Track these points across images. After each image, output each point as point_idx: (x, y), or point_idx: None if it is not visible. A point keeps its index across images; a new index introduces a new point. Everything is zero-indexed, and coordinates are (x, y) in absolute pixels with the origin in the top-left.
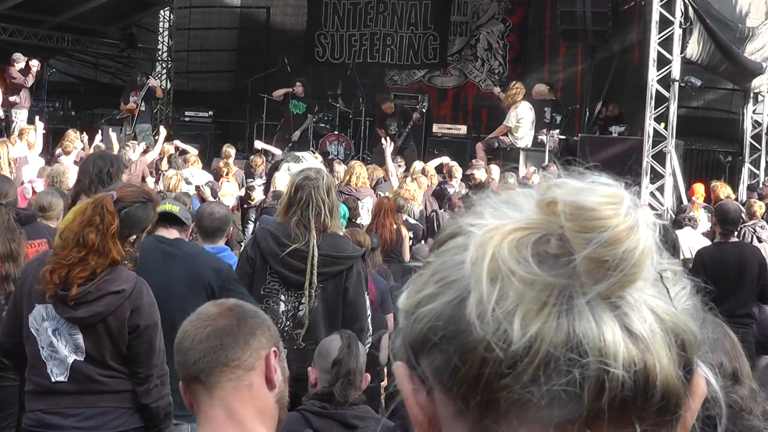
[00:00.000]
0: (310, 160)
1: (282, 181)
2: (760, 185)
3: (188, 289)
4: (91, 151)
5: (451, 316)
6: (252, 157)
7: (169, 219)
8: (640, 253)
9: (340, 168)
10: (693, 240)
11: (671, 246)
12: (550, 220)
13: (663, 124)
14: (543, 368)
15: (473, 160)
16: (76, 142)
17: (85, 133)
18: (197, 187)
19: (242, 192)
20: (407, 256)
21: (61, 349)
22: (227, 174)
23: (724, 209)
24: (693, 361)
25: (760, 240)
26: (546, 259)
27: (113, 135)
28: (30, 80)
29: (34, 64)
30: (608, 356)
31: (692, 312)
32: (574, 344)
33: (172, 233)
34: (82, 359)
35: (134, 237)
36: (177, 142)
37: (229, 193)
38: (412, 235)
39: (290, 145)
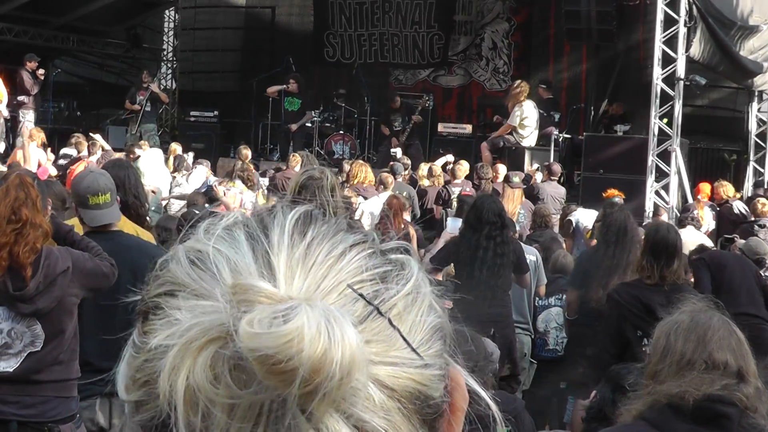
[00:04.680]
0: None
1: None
2: (766, 184)
3: (132, 283)
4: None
5: None
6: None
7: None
8: (337, 376)
9: (348, 168)
10: (696, 240)
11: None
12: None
13: (665, 120)
14: None
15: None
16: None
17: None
18: (210, 187)
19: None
20: (415, 255)
21: (17, 345)
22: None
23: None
24: (440, 395)
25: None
26: (247, 370)
27: (98, 137)
28: (36, 88)
29: (41, 72)
30: None
31: (438, 325)
32: None
33: (110, 225)
34: (39, 349)
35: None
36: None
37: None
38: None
39: (289, 138)
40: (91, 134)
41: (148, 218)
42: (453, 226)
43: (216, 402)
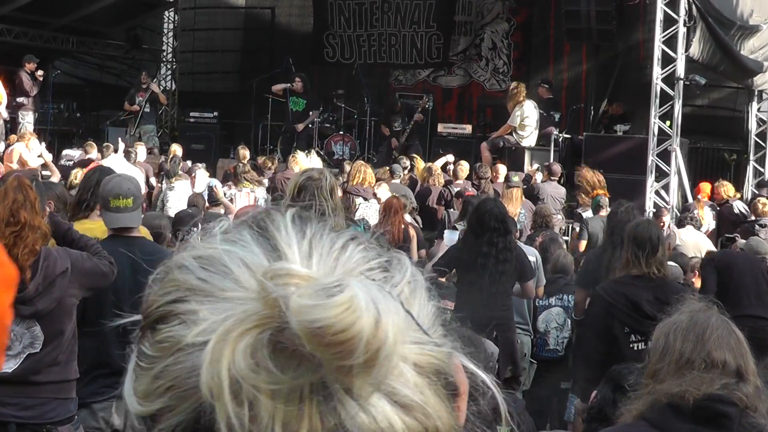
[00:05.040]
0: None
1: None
2: None
3: None
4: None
5: None
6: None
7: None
8: (392, 342)
9: (349, 169)
10: (696, 239)
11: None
12: (280, 312)
13: (668, 123)
14: None
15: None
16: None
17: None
18: (211, 188)
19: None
20: (415, 255)
21: (16, 347)
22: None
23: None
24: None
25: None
26: (285, 354)
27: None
28: (35, 89)
29: (40, 73)
30: None
31: (437, 310)
32: None
33: (131, 230)
34: (38, 350)
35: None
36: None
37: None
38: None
39: (294, 139)
40: (137, 144)
41: None
42: (450, 238)
43: (261, 388)
